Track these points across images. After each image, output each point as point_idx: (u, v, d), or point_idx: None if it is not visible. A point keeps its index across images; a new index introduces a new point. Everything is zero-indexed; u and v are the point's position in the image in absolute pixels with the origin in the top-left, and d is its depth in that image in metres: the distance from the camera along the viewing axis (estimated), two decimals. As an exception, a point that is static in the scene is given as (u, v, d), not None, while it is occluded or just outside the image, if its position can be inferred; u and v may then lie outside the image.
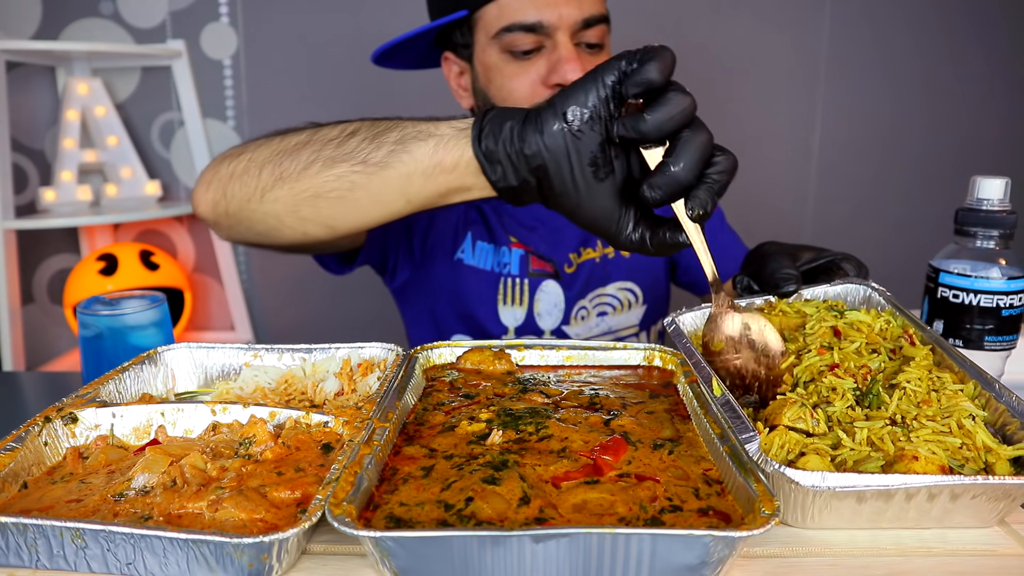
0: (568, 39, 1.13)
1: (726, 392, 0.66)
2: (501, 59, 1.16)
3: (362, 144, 0.81)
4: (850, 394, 0.66)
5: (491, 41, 1.16)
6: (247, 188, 0.90)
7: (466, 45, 1.22)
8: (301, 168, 0.85)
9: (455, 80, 1.29)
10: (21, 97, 2.38)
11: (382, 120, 0.83)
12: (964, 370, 0.68)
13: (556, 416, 0.71)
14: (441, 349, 0.86)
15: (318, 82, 2.46)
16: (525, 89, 1.15)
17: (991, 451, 0.60)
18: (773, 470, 0.55)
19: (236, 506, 0.55)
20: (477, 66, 1.21)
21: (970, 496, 0.56)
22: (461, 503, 0.55)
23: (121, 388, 0.76)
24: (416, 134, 0.78)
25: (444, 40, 1.27)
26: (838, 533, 0.59)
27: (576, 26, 1.13)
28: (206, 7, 2.40)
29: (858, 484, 0.54)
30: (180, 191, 2.55)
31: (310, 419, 0.68)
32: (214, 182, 0.95)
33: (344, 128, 0.84)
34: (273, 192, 0.88)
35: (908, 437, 0.61)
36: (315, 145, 0.85)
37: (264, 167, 0.88)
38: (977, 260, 0.84)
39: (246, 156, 0.91)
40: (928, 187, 2.59)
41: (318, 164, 0.83)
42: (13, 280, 2.19)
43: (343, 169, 0.82)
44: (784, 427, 0.63)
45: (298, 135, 0.88)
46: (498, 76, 1.17)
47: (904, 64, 2.52)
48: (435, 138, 0.76)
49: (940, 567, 0.55)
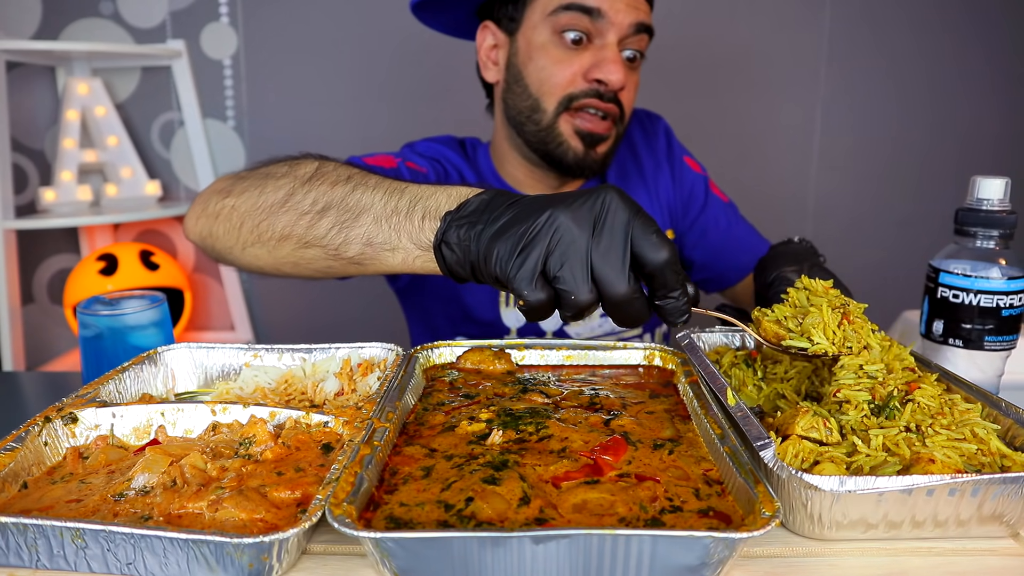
0: (616, 41, 1.16)
1: (740, 402, 0.66)
2: (551, 40, 1.18)
3: (332, 231, 0.78)
4: (865, 406, 0.66)
5: (546, 19, 1.18)
6: (229, 237, 0.88)
7: (512, 19, 1.23)
8: (277, 239, 0.82)
9: (486, 51, 1.30)
10: (21, 97, 2.38)
11: (348, 182, 0.80)
12: (970, 393, 0.70)
13: (556, 416, 0.71)
14: (441, 349, 0.86)
15: (318, 82, 2.46)
16: (565, 76, 1.17)
17: (1007, 456, 0.60)
18: (789, 476, 0.54)
19: (236, 506, 0.55)
20: (519, 41, 1.22)
21: (991, 496, 0.55)
22: (461, 503, 0.55)
23: (121, 388, 0.76)
24: (383, 242, 0.75)
25: (487, 11, 1.28)
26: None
27: (628, 28, 1.16)
28: (206, 7, 2.40)
29: (879, 487, 0.53)
30: (180, 191, 2.55)
31: (310, 419, 0.68)
32: (203, 217, 0.93)
33: (315, 199, 0.80)
34: (253, 250, 0.86)
35: (923, 443, 0.61)
36: (289, 215, 0.82)
37: (244, 222, 0.86)
38: (977, 260, 0.84)
39: (230, 201, 0.88)
40: (928, 187, 2.59)
41: (292, 241, 0.81)
42: (13, 280, 2.19)
43: (317, 253, 0.80)
44: (797, 436, 0.62)
45: (276, 187, 0.84)
46: (542, 56, 1.19)
47: (904, 64, 2.51)
48: (401, 252, 0.75)
49: (940, 567, 0.55)
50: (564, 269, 0.62)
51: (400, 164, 1.20)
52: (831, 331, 0.72)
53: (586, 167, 1.22)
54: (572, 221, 0.63)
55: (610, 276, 0.62)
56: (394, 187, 0.77)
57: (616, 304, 0.64)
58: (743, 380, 0.80)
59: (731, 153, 2.54)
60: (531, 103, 1.20)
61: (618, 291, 0.63)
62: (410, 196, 0.75)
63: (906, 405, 0.65)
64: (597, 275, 0.63)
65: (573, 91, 1.18)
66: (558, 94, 1.18)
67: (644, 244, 0.63)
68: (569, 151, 1.20)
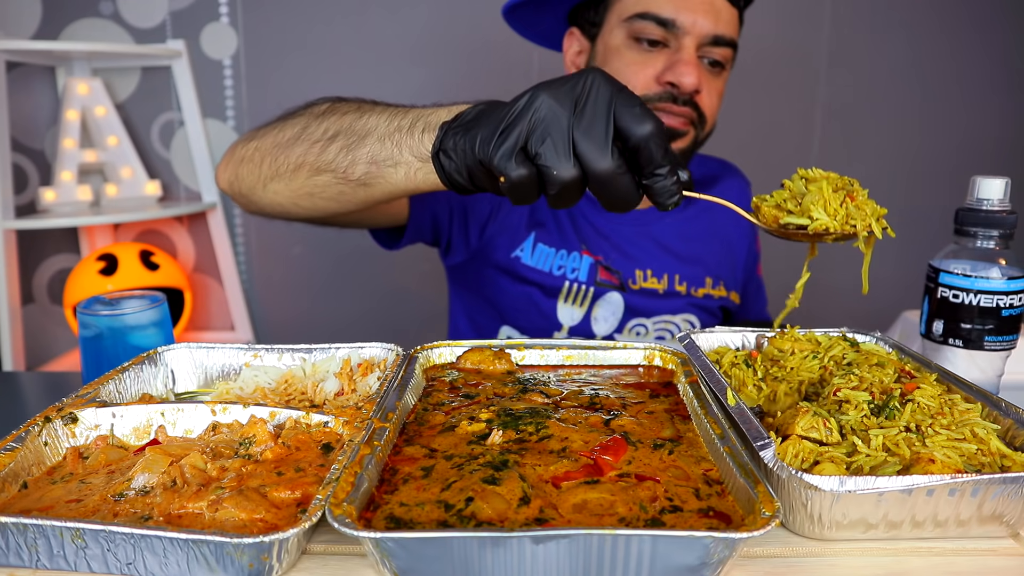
0: (693, 46, 1.15)
1: (740, 402, 0.66)
2: (625, 44, 1.18)
3: (340, 154, 0.82)
4: (865, 406, 0.66)
5: (621, 24, 1.18)
6: (252, 176, 0.94)
7: (594, 23, 1.24)
8: (292, 169, 0.87)
9: (572, 57, 1.31)
10: (21, 97, 2.38)
11: (359, 111, 0.84)
12: (970, 393, 0.70)
13: (556, 416, 0.71)
14: (441, 349, 0.86)
15: (318, 82, 2.46)
16: (639, 80, 1.17)
17: (1007, 456, 0.60)
18: (789, 476, 0.54)
19: (236, 506, 0.55)
20: (599, 45, 1.23)
21: (991, 496, 0.55)
22: (461, 503, 0.55)
23: (121, 388, 0.76)
24: (385, 158, 0.79)
25: (576, 16, 1.29)
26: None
27: (705, 39, 1.15)
28: (206, 7, 2.40)
29: (878, 486, 0.53)
30: (180, 191, 2.55)
31: (310, 419, 0.68)
32: (231, 163, 0.99)
33: (327, 127, 0.85)
34: (272, 185, 0.91)
35: (923, 443, 0.61)
36: (302, 145, 0.87)
37: (264, 159, 0.91)
38: (977, 260, 0.84)
39: (254, 143, 0.95)
40: (928, 187, 2.59)
41: (305, 169, 0.86)
42: (13, 280, 2.19)
43: (328, 179, 0.84)
44: (797, 436, 0.62)
45: (294, 124, 0.90)
46: (616, 60, 1.19)
47: (904, 64, 2.52)
48: (403, 166, 0.77)
49: (940, 567, 0.55)
50: (545, 145, 0.62)
51: None
52: (832, 208, 0.70)
53: None
54: (553, 99, 0.63)
55: (592, 151, 0.62)
56: (399, 110, 0.81)
57: (601, 181, 0.63)
58: (743, 380, 0.80)
59: (731, 153, 2.54)
60: None
61: (601, 166, 0.62)
62: (413, 115, 0.78)
63: (906, 405, 0.65)
64: (579, 151, 0.62)
65: (647, 94, 1.17)
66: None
67: (627, 117, 0.62)
68: None
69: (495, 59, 2.45)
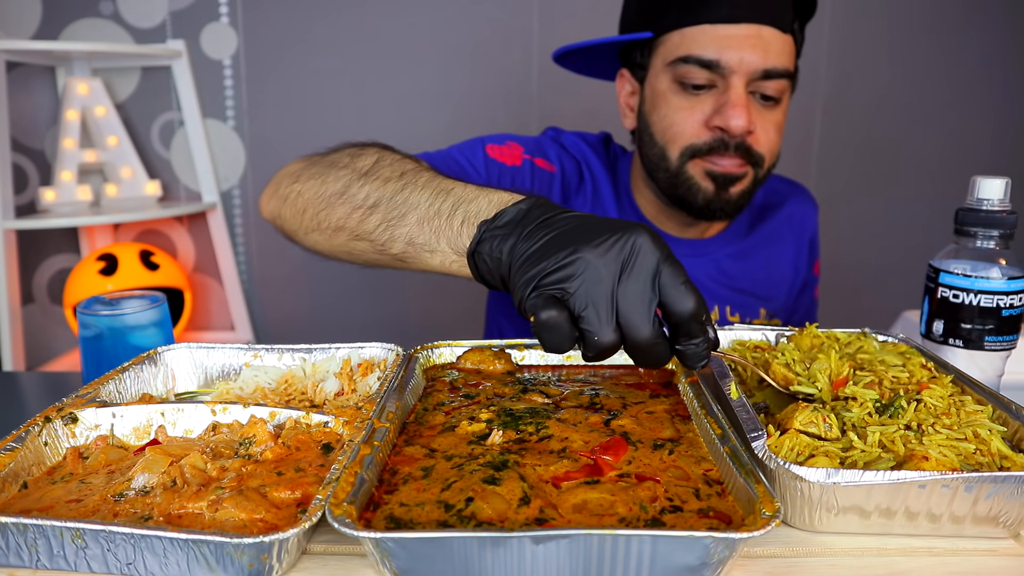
0: (743, 85, 1.09)
1: (743, 396, 0.67)
2: (671, 88, 1.14)
3: (379, 228, 0.81)
4: (871, 404, 0.66)
5: (665, 68, 1.14)
6: (294, 221, 0.94)
7: (642, 66, 1.20)
8: (333, 229, 0.87)
9: (625, 98, 1.28)
10: (21, 97, 2.37)
11: (401, 179, 0.82)
12: (983, 396, 0.69)
13: (556, 416, 0.71)
14: (441, 349, 0.86)
15: (318, 82, 2.46)
16: (687, 125, 1.13)
17: (1007, 458, 0.60)
18: (777, 467, 0.55)
19: (236, 506, 0.55)
20: (647, 89, 1.20)
21: (985, 496, 0.55)
22: (461, 503, 0.55)
23: (121, 388, 0.76)
24: (423, 243, 0.77)
25: (625, 57, 1.26)
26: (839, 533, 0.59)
27: (754, 75, 1.09)
28: (206, 7, 2.40)
29: (865, 480, 0.53)
30: (180, 191, 2.55)
31: (310, 419, 0.68)
32: (274, 199, 0.98)
33: (368, 193, 0.83)
34: (313, 236, 0.91)
35: (921, 441, 0.60)
36: (344, 207, 0.85)
37: (306, 209, 0.91)
38: (977, 260, 0.84)
39: (297, 187, 0.93)
40: (928, 187, 2.59)
41: (345, 233, 0.85)
42: (13, 280, 2.19)
43: (366, 246, 0.84)
44: (795, 430, 0.62)
45: (338, 176, 0.88)
46: (663, 105, 1.15)
47: (904, 63, 2.51)
48: (439, 255, 0.76)
49: (941, 567, 0.55)
50: (588, 310, 0.61)
51: (526, 163, 1.19)
52: (835, 372, 0.72)
53: (717, 209, 1.17)
54: (600, 262, 0.62)
55: (635, 320, 0.62)
56: (441, 187, 0.78)
57: (638, 347, 0.63)
58: (768, 361, 0.79)
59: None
60: (658, 151, 1.17)
61: (642, 336, 0.62)
62: (454, 199, 0.76)
63: (911, 404, 0.65)
64: (622, 318, 0.62)
65: (696, 143, 1.12)
66: (681, 143, 1.14)
67: (672, 292, 0.62)
68: (699, 192, 1.15)
69: (496, 59, 2.46)
